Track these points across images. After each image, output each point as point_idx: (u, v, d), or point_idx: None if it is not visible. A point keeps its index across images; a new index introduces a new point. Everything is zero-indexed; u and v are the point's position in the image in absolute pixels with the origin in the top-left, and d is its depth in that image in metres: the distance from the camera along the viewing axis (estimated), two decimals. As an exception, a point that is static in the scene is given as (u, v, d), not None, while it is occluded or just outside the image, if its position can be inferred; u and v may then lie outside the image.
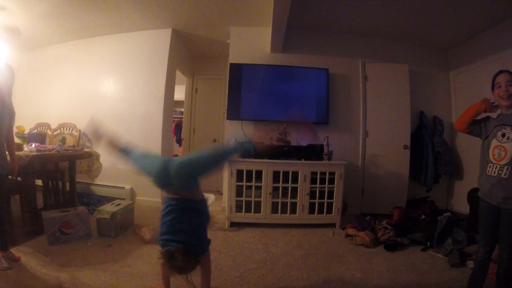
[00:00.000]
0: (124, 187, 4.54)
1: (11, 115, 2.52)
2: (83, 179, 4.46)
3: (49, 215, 2.89)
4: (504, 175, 1.82)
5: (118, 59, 4.81)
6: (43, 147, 3.32)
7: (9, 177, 2.73)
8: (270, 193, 3.66)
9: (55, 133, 4.67)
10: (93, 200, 4.34)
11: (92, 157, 4.06)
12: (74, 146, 3.98)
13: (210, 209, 3.88)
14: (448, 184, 4.81)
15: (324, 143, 3.92)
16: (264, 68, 4.35)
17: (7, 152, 2.53)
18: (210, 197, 4.12)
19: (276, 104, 4.30)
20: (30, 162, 2.88)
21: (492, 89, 1.98)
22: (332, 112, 4.47)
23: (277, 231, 3.54)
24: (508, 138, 1.84)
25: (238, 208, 3.68)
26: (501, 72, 1.96)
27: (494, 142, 1.92)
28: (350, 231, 3.39)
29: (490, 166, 1.92)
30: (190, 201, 1.83)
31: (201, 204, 1.91)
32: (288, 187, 3.68)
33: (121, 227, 3.24)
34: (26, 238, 2.92)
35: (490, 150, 1.93)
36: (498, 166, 1.86)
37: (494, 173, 1.88)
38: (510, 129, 1.84)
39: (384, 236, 3.24)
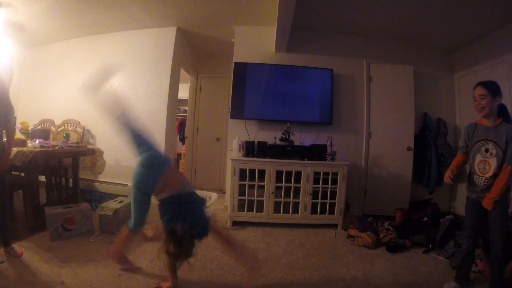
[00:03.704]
0: (127, 184, 4.54)
1: (7, 109, 2.48)
2: (86, 175, 4.49)
3: (52, 211, 2.91)
4: (491, 183, 2.05)
5: (122, 57, 4.82)
6: (46, 143, 3.33)
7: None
8: (272, 193, 3.65)
9: (59, 129, 4.69)
10: (96, 197, 4.36)
11: (96, 154, 4.07)
12: (77, 142, 3.99)
13: (213, 207, 3.91)
14: (451, 187, 4.79)
15: (328, 144, 3.92)
16: (268, 68, 4.35)
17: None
18: (213, 196, 4.13)
19: (280, 104, 4.30)
20: (33, 158, 2.89)
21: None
22: (336, 113, 4.47)
23: (279, 231, 3.54)
24: (491, 153, 2.04)
25: (241, 207, 3.68)
26: (476, 85, 2.14)
27: (478, 157, 2.13)
28: (352, 232, 3.38)
29: (476, 177, 2.14)
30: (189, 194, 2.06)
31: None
32: (290, 186, 3.67)
33: (124, 224, 3.24)
34: (29, 234, 2.93)
35: (475, 163, 2.15)
36: (484, 178, 2.09)
37: (480, 183, 2.11)
38: (493, 144, 2.03)
39: (386, 237, 3.23)
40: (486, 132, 2.09)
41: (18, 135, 4.05)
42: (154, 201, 2.05)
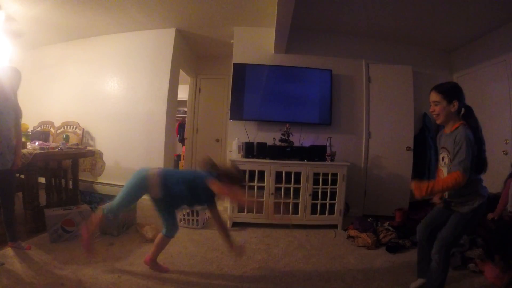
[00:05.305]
0: (126, 186, 4.54)
1: (16, 113, 2.64)
2: (86, 177, 4.48)
3: (51, 213, 2.90)
4: (446, 196, 1.96)
5: (122, 58, 4.83)
6: (46, 145, 3.33)
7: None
8: (272, 194, 3.65)
9: (58, 131, 4.69)
10: (95, 199, 4.35)
11: (95, 155, 4.07)
12: (77, 144, 3.99)
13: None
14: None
15: (327, 144, 3.92)
16: (267, 69, 4.35)
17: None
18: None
19: (279, 105, 4.30)
20: (33, 160, 2.89)
21: None
22: (335, 113, 4.47)
23: (279, 232, 3.54)
24: (445, 162, 1.92)
25: (240, 208, 3.68)
26: (431, 90, 1.98)
27: (439, 166, 2.03)
28: (352, 232, 3.38)
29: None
30: None
31: None
32: (290, 187, 3.67)
33: (123, 226, 3.24)
34: (28, 236, 2.93)
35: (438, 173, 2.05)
36: None
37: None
38: (446, 152, 1.89)
39: (386, 238, 3.23)
40: (444, 139, 1.97)
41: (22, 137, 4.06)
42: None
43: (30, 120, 4.45)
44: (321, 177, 3.69)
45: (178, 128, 7.21)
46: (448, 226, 1.92)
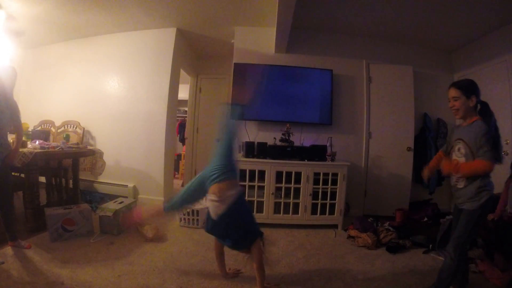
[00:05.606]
0: (127, 185, 4.55)
1: (13, 111, 2.62)
2: (86, 176, 4.48)
3: (52, 212, 2.91)
4: (459, 185, 2.03)
5: (122, 58, 4.81)
6: (46, 145, 3.33)
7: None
8: (272, 193, 3.65)
9: (59, 130, 4.69)
10: (96, 198, 4.36)
11: (95, 154, 4.07)
12: (77, 143, 3.99)
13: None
14: (451, 187, 4.78)
15: (327, 144, 3.92)
16: (268, 68, 4.35)
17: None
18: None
19: (280, 104, 4.30)
20: (33, 159, 2.90)
21: None
22: (336, 113, 4.47)
23: (279, 232, 3.54)
24: (461, 153, 2.00)
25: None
26: (450, 86, 2.08)
27: (453, 156, 2.09)
28: (352, 232, 3.38)
29: (452, 177, 2.13)
30: None
31: None
32: (290, 187, 3.67)
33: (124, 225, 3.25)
34: (29, 235, 2.93)
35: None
36: (455, 177, 2.07)
37: (452, 184, 2.13)
38: (463, 143, 1.98)
39: (386, 238, 3.23)
40: (460, 131, 2.06)
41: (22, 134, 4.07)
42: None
43: (30, 120, 4.46)
44: (321, 177, 3.69)
45: (178, 128, 7.21)
46: (460, 225, 1.99)
